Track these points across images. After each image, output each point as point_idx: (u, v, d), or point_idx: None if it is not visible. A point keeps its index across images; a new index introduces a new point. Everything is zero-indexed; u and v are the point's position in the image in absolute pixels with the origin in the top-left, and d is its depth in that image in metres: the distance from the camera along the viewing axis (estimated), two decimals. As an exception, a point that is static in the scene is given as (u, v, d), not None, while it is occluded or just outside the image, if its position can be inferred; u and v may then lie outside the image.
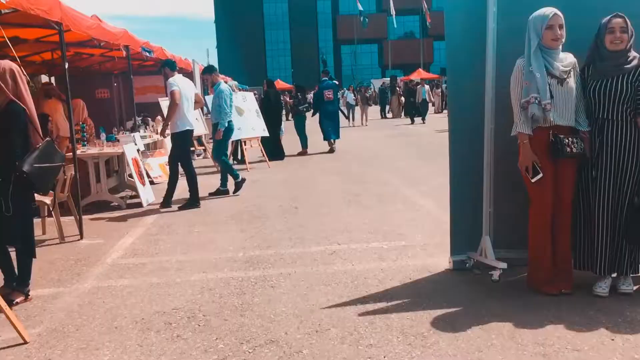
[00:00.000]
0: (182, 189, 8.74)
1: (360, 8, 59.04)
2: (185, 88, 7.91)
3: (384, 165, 11.09)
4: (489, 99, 4.20)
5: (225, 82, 10.08)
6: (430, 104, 26.51)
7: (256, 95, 15.27)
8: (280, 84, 36.71)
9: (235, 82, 14.28)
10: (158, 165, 10.46)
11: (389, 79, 37.16)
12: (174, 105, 7.63)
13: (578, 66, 3.95)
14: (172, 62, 8.25)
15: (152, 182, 9.88)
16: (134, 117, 11.20)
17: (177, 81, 7.84)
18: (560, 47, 3.87)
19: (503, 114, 4.18)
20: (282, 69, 76.08)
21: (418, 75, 41.28)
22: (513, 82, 3.94)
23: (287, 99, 28.31)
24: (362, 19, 57.63)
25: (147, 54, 10.74)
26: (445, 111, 28.98)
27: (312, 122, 15.08)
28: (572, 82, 3.87)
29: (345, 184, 9.25)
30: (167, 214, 7.58)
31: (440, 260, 4.87)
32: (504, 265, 4.02)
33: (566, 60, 3.90)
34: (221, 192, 8.74)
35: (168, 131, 8.01)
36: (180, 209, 7.75)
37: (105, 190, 8.18)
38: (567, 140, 3.78)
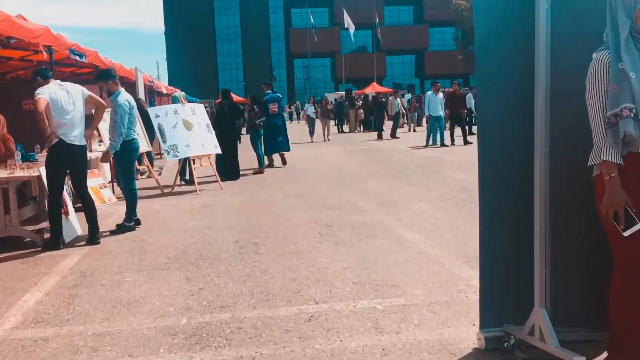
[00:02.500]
0: (117, 216, 7.28)
1: (312, 21, 58.26)
2: (63, 96, 6.33)
3: (354, 187, 9.76)
4: (540, 111, 2.94)
5: (173, 93, 8.55)
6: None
7: (207, 108, 13.82)
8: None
9: (183, 93, 12.72)
10: (90, 189, 8.82)
11: (343, 92, 36.19)
12: (36, 114, 6.07)
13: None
14: (43, 70, 6.60)
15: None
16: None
17: (47, 89, 6.26)
18: (659, 35, 2.64)
19: (559, 131, 2.94)
20: (234, 82, 74.20)
21: (373, 89, 40.50)
22: (592, 85, 2.66)
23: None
24: (313, 31, 57.03)
25: (78, 57, 9.16)
26: (405, 124, 28.06)
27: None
28: (676, 87, 2.64)
29: (312, 210, 7.88)
30: (94, 253, 6.05)
31: (461, 331, 3.56)
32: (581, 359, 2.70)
33: (668, 54, 2.66)
34: (127, 228, 7.08)
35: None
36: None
37: (16, 222, 6.57)
38: (680, 174, 2.53)
